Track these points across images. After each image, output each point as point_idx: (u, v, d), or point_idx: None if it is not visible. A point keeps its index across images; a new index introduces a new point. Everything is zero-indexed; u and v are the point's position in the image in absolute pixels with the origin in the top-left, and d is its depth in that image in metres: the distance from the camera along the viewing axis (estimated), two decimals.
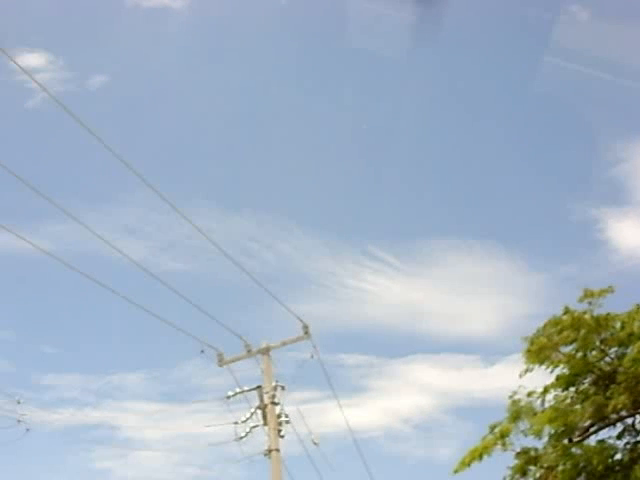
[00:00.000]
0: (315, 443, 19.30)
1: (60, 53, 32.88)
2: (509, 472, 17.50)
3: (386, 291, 35.44)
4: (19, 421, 19.03)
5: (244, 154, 33.80)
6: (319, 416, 34.80)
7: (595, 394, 16.68)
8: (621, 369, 16.47)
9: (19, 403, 19.33)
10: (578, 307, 16.98)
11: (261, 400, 18.07)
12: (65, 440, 32.28)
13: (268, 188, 33.52)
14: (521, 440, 17.54)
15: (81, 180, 32.73)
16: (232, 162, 34.21)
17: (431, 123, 31.25)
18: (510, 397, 17.39)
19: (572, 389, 17.29)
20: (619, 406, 15.85)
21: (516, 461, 17.43)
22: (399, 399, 35.01)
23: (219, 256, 36.41)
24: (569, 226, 33.18)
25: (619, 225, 31.22)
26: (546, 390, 17.33)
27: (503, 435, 17.37)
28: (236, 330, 18.86)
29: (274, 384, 18.44)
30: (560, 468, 16.79)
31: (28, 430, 19.07)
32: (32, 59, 33.18)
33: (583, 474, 16.77)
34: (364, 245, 35.85)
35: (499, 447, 17.66)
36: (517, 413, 17.28)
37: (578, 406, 16.91)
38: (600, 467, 16.47)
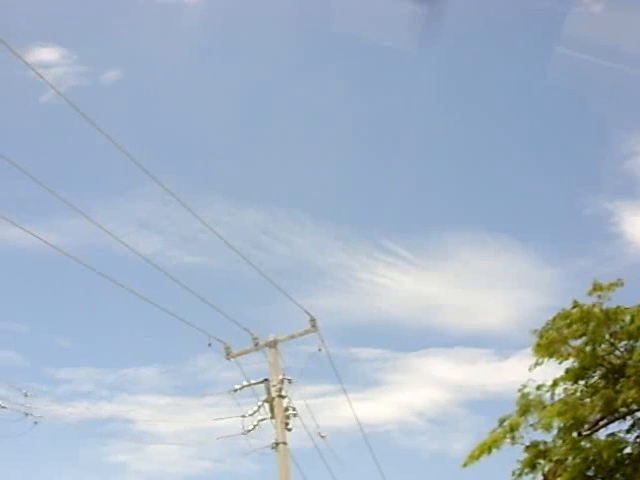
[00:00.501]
0: (322, 436, 19.34)
1: (73, 48, 33.01)
2: (518, 466, 17.46)
3: (399, 285, 35.43)
4: (27, 414, 19.14)
5: (256, 148, 33.85)
6: (331, 410, 34.85)
7: (605, 388, 16.62)
8: (631, 362, 16.42)
9: (26, 396, 19.43)
10: (588, 300, 16.94)
11: (268, 393, 18.10)
12: (79, 434, 32.41)
13: (281, 182, 33.59)
14: (530, 434, 17.53)
15: (95, 175, 32.81)
16: (245, 156, 34.27)
17: (443, 116, 31.19)
18: (519, 390, 17.34)
19: (582, 383, 17.24)
20: (629, 400, 15.78)
21: (525, 455, 17.39)
22: (413, 393, 35.02)
23: (230, 249, 36.46)
24: (583, 219, 33.07)
25: (633, 218, 31.05)
26: (555, 383, 17.26)
27: (512, 429, 17.32)
28: (247, 324, 18.94)
29: (281, 377, 18.46)
30: (569, 462, 16.76)
31: (36, 423, 19.17)
32: (46, 54, 33.33)
33: (593, 468, 16.72)
34: (377, 238, 35.83)
35: (508, 441, 17.65)
36: (526, 407, 17.22)
37: (587, 400, 16.85)
38: (612, 461, 16.43)
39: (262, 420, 18.12)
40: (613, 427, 17.21)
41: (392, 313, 35.64)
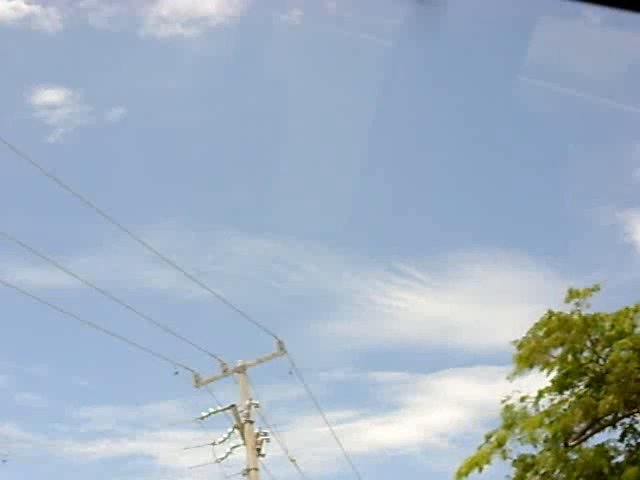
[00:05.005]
0: (292, 460, 19.07)
1: (77, 87, 33.37)
2: None
3: (415, 306, 35.07)
4: None
5: (264, 177, 33.89)
6: (354, 435, 34.59)
7: (591, 396, 16.28)
8: (615, 369, 16.06)
9: None
10: (566, 308, 16.64)
11: (237, 419, 17.90)
12: (103, 472, 32.41)
13: (291, 210, 33.53)
14: (519, 448, 17.17)
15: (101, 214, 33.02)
16: (254, 186, 34.32)
17: (451, 134, 31.04)
18: (503, 402, 16.99)
19: (567, 393, 16.88)
20: (607, 406, 15.41)
21: (514, 469, 17.03)
22: (434, 414, 34.55)
23: (244, 280, 36.42)
24: (595, 231, 32.55)
25: None
26: (540, 394, 16.91)
27: (500, 443, 16.97)
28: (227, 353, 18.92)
29: (247, 402, 18.23)
30: (556, 474, 16.40)
31: (5, 461, 18.97)
32: (50, 95, 33.76)
33: (580, 479, 16.34)
34: (390, 261, 35.57)
35: (499, 456, 17.29)
36: (511, 419, 16.89)
37: (572, 410, 16.50)
38: (606, 470, 16.06)
39: (235, 447, 17.96)
40: (603, 437, 16.87)
41: (409, 335, 35.30)
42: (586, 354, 16.62)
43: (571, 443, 16.58)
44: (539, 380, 17.05)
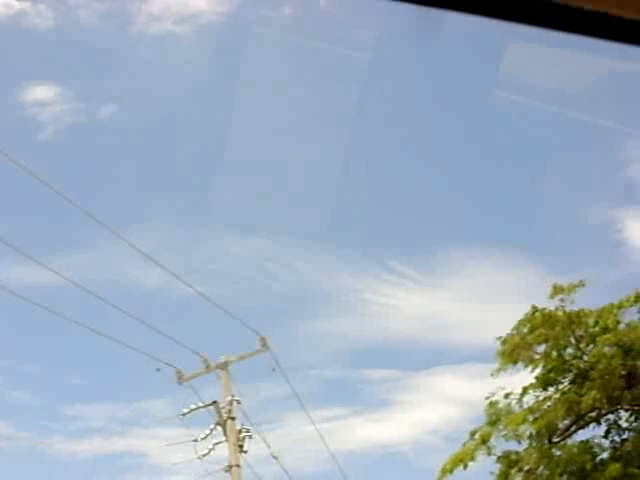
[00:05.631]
0: (274, 457, 19.00)
1: (68, 84, 33.24)
2: (492, 478, 17.05)
3: (407, 304, 34.96)
4: None
5: (256, 175, 33.79)
6: (345, 433, 34.53)
7: (575, 393, 16.22)
8: (599, 366, 16.00)
9: None
10: (550, 304, 16.57)
11: (219, 416, 17.81)
12: (94, 469, 32.34)
13: (283, 208, 33.43)
14: (504, 444, 17.12)
15: (95, 211, 32.93)
16: (246, 183, 34.21)
17: (443, 133, 30.94)
18: (487, 399, 16.93)
19: (551, 389, 16.82)
20: (590, 402, 15.35)
21: (499, 465, 16.98)
22: (426, 411, 34.45)
23: (236, 278, 36.38)
24: (587, 228, 32.43)
25: (637, 224, 30.44)
26: (525, 391, 16.86)
27: (484, 440, 16.92)
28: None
29: (229, 399, 18.13)
30: (540, 471, 16.34)
31: None
32: (41, 92, 33.65)
33: (564, 476, 16.29)
34: (382, 259, 35.43)
35: (484, 452, 17.24)
36: (496, 416, 16.84)
37: (556, 406, 16.44)
38: (589, 466, 16.02)
39: (217, 443, 17.88)
40: (588, 433, 16.82)
41: (401, 333, 35.21)
42: (570, 350, 16.57)
43: (555, 439, 16.53)
44: (529, 377, 17.03)
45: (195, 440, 17.99)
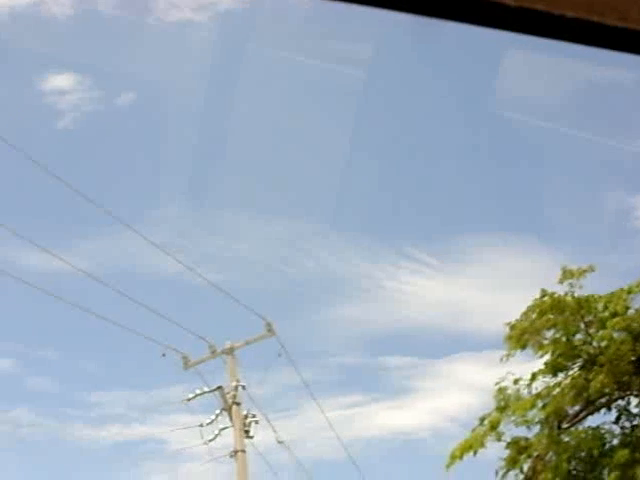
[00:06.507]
0: (280, 442, 19.00)
1: (87, 73, 33.35)
2: (501, 464, 16.96)
3: (425, 291, 34.85)
4: None
5: (274, 161, 33.78)
6: (364, 420, 34.53)
7: (584, 379, 16.10)
8: (608, 351, 15.87)
9: None
10: (559, 289, 16.43)
11: (224, 401, 17.83)
12: (114, 456, 32.57)
13: (302, 194, 33.42)
14: (514, 430, 17.03)
15: (113, 198, 33.13)
16: (265, 170, 34.20)
17: (459, 119, 30.75)
18: (496, 384, 16.83)
19: (561, 375, 16.70)
20: (598, 385, 15.22)
21: (508, 451, 16.89)
22: (445, 399, 34.37)
23: (253, 264, 36.43)
24: (605, 215, 32.15)
25: None
26: (534, 377, 16.74)
27: (493, 426, 16.83)
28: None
29: (234, 384, 18.14)
30: (549, 457, 16.24)
31: None
32: (60, 80, 33.79)
33: (573, 462, 16.19)
34: (401, 246, 35.36)
35: (494, 438, 17.14)
36: (505, 402, 16.74)
37: (566, 392, 16.33)
38: (596, 452, 15.92)
39: (224, 429, 17.91)
40: (598, 419, 16.70)
41: (419, 320, 35.10)
42: (579, 336, 16.43)
43: (565, 425, 16.42)
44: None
45: (201, 425, 18.05)
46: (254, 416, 18.09)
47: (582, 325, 16.26)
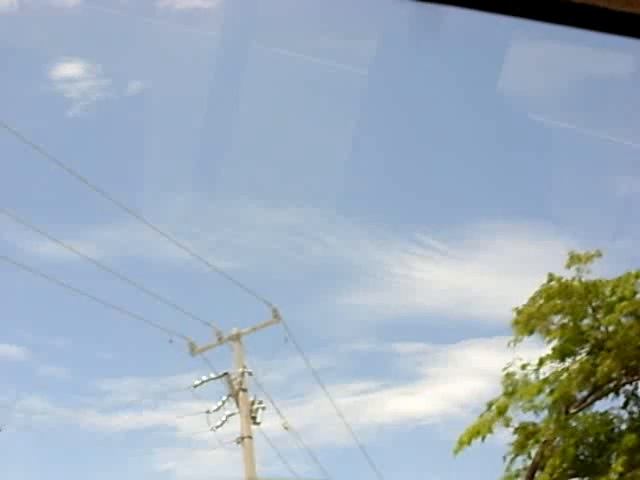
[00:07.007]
0: (286, 428, 19.04)
1: (96, 61, 33.35)
2: (509, 449, 16.95)
3: (436, 277, 34.77)
4: None
5: (284, 149, 33.72)
6: (376, 406, 34.55)
7: (592, 364, 16.05)
8: (615, 336, 15.81)
9: None
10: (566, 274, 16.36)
11: (231, 387, 17.87)
12: (126, 444, 32.68)
13: (311, 181, 33.37)
14: (521, 416, 17.01)
15: (123, 186, 33.10)
16: (274, 157, 34.15)
17: (470, 103, 30.62)
18: (504, 369, 16.81)
19: (569, 360, 16.65)
20: (606, 369, 15.17)
21: (516, 436, 16.87)
22: (455, 385, 34.32)
23: (265, 252, 36.46)
24: (616, 201, 31.95)
25: None
26: (542, 362, 16.69)
27: (500, 411, 16.81)
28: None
29: (241, 370, 18.18)
30: (557, 442, 16.23)
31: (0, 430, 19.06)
32: (69, 69, 33.79)
33: (581, 447, 16.17)
34: (411, 233, 35.27)
35: (502, 424, 17.12)
36: (512, 387, 16.72)
37: (574, 377, 16.29)
38: (603, 437, 15.90)
39: (231, 415, 17.97)
40: (607, 404, 16.67)
41: (430, 306, 35.04)
42: (587, 321, 16.37)
43: (572, 411, 16.40)
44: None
45: (207, 412, 18.11)
46: (260, 402, 18.15)
47: (590, 310, 16.20)
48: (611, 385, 16.17)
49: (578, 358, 16.52)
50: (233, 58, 34.03)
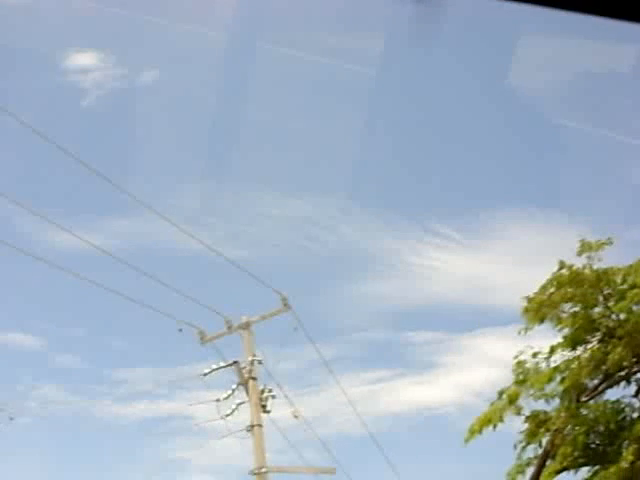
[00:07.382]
0: (295, 417, 19.03)
1: (110, 51, 33.42)
2: (520, 437, 16.91)
3: (450, 266, 34.78)
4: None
5: (298, 140, 33.73)
6: (390, 395, 34.61)
7: (603, 352, 15.96)
8: (628, 324, 15.72)
9: None
10: (577, 262, 16.26)
11: (240, 376, 17.90)
12: (142, 433, 32.94)
13: (325, 170, 33.39)
14: (532, 404, 16.95)
15: (137, 176, 33.20)
16: (287, 146, 34.16)
17: (483, 94, 30.51)
18: (515, 358, 16.74)
19: (580, 349, 16.57)
20: (617, 357, 15.09)
21: (526, 425, 16.82)
22: (470, 374, 34.41)
23: (280, 242, 36.43)
24: (630, 189, 31.80)
25: None
26: (553, 350, 16.62)
27: (511, 400, 16.76)
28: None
29: (250, 359, 18.20)
30: (568, 430, 16.16)
31: (12, 419, 19.23)
32: (84, 59, 33.87)
33: (592, 435, 16.11)
34: (425, 221, 35.31)
35: (512, 412, 17.07)
36: (523, 375, 16.66)
37: (585, 365, 16.21)
38: (613, 426, 15.85)
39: (241, 403, 17.99)
40: (618, 393, 16.58)
41: (444, 295, 35.06)
42: (598, 309, 16.28)
43: (583, 399, 16.33)
44: None
45: (217, 400, 18.16)
46: (270, 391, 18.17)
47: (601, 298, 16.11)
48: (622, 373, 16.07)
49: (589, 346, 16.43)
50: (245, 53, 33.99)
